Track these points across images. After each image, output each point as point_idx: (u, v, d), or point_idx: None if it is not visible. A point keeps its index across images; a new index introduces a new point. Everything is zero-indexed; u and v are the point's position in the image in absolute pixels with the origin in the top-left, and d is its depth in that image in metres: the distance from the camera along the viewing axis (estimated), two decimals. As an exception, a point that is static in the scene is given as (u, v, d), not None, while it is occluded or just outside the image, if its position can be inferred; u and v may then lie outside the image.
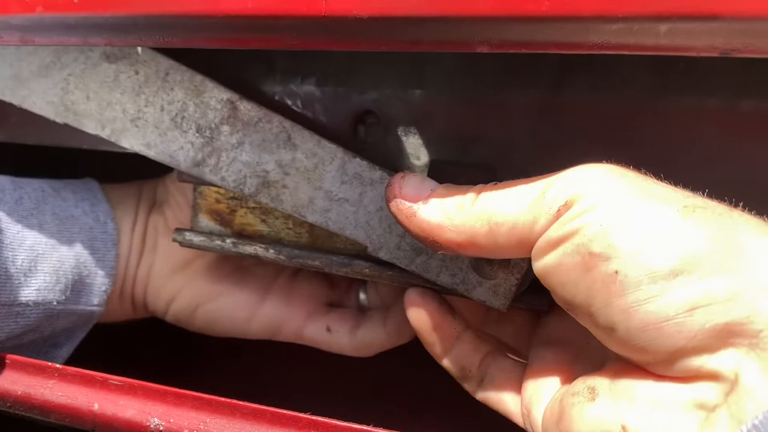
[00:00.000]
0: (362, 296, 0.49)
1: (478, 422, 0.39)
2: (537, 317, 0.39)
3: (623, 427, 0.27)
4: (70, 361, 0.39)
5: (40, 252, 0.42)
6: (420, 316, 0.37)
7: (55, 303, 0.42)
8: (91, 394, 0.35)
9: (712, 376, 0.26)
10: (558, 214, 0.28)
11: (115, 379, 0.35)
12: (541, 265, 0.29)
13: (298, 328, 0.47)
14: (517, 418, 0.35)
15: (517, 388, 0.36)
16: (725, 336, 0.25)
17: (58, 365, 0.36)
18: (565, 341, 0.36)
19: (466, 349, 0.37)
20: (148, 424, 0.34)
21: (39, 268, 0.41)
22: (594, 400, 0.29)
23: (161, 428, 0.33)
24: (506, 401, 0.36)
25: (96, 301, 0.45)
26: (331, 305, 0.48)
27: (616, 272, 0.26)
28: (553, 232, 0.28)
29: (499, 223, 0.30)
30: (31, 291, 0.41)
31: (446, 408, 0.41)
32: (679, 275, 0.25)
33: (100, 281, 0.44)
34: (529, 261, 0.35)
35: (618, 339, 0.27)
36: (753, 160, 0.33)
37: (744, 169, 0.34)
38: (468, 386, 0.38)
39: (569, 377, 0.33)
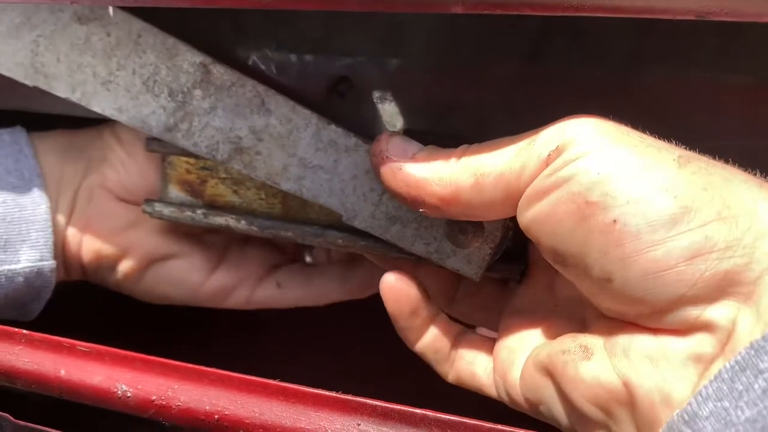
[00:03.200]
0: (308, 258, 0.50)
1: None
2: (504, 290, 0.39)
3: (624, 383, 0.27)
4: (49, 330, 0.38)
5: None
6: (398, 301, 0.36)
7: None
8: (58, 360, 0.35)
9: (709, 327, 0.26)
10: (548, 161, 0.28)
11: (83, 345, 0.35)
12: (530, 214, 0.29)
13: (248, 293, 0.47)
14: (490, 391, 0.35)
15: (489, 361, 0.36)
16: (724, 285, 0.25)
17: (24, 331, 0.36)
18: (532, 307, 0.36)
19: (439, 332, 0.37)
20: (115, 390, 0.33)
21: None
22: (589, 358, 0.29)
23: (128, 394, 0.33)
24: (479, 376, 0.36)
25: (38, 255, 0.42)
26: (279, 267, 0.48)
27: (615, 221, 0.26)
28: (544, 180, 0.28)
29: (486, 173, 0.29)
30: None
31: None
32: (679, 223, 0.25)
33: (35, 235, 0.42)
34: (503, 230, 0.35)
35: (613, 290, 0.27)
36: (732, 130, 0.33)
37: (723, 138, 0.33)
38: (441, 369, 0.37)
39: (542, 339, 0.33)
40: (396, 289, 0.36)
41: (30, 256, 0.42)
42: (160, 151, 0.40)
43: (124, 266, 0.45)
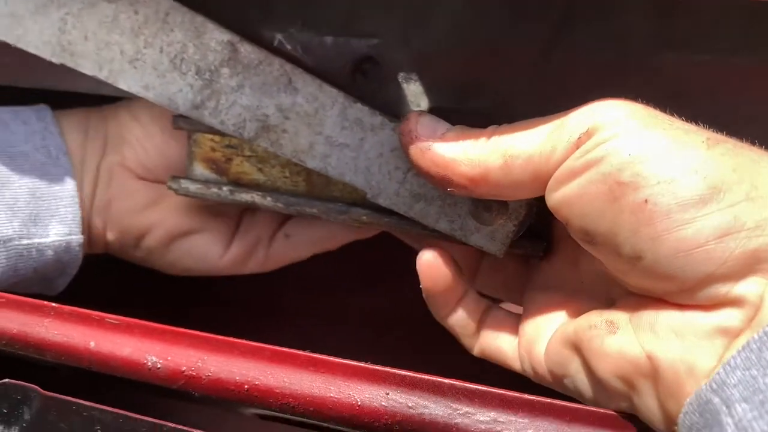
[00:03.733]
0: None
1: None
2: (526, 265, 0.39)
3: (648, 356, 0.28)
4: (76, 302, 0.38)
5: None
6: (433, 278, 0.37)
7: (16, 238, 0.41)
8: (88, 332, 0.35)
9: (737, 303, 0.26)
10: (579, 143, 0.28)
11: (112, 317, 0.35)
12: (559, 195, 0.29)
13: (263, 254, 0.48)
14: (515, 364, 0.36)
15: (514, 336, 0.36)
16: (753, 262, 0.26)
17: (53, 303, 0.36)
18: (558, 284, 0.36)
19: (469, 307, 0.38)
20: (145, 362, 0.34)
21: None
22: (615, 332, 0.30)
23: (158, 366, 0.34)
24: (504, 349, 0.36)
25: (67, 230, 0.43)
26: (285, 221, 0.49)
27: (646, 201, 0.27)
28: (575, 161, 0.29)
29: (515, 155, 0.30)
30: None
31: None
32: (709, 203, 0.26)
33: (64, 211, 0.43)
34: (527, 207, 0.35)
35: (643, 268, 0.28)
36: (758, 114, 0.34)
37: (750, 122, 0.34)
38: (467, 342, 0.38)
39: (568, 316, 0.34)
40: (433, 267, 0.36)
41: (59, 231, 0.43)
42: (187, 128, 0.41)
43: (147, 243, 0.46)
